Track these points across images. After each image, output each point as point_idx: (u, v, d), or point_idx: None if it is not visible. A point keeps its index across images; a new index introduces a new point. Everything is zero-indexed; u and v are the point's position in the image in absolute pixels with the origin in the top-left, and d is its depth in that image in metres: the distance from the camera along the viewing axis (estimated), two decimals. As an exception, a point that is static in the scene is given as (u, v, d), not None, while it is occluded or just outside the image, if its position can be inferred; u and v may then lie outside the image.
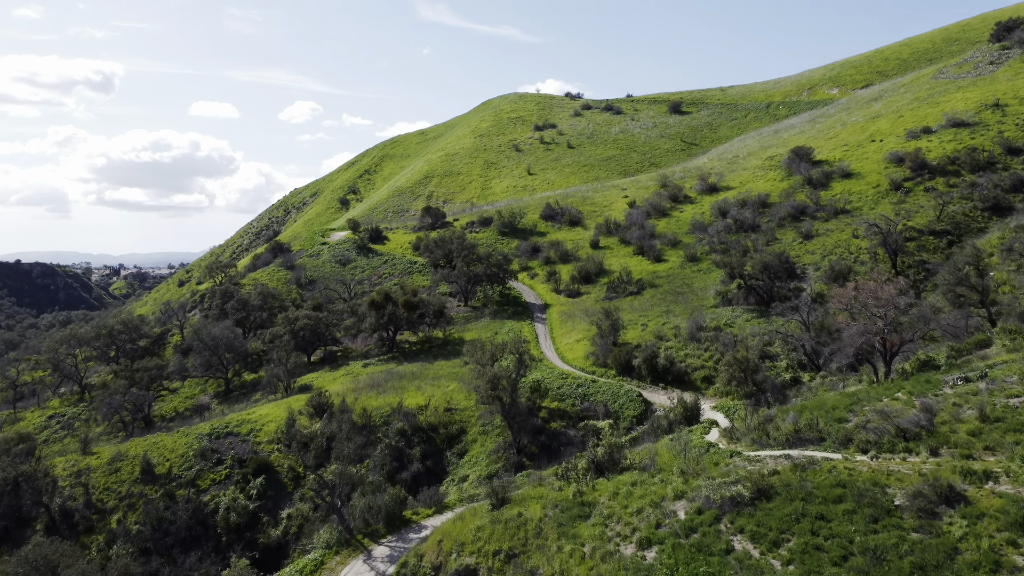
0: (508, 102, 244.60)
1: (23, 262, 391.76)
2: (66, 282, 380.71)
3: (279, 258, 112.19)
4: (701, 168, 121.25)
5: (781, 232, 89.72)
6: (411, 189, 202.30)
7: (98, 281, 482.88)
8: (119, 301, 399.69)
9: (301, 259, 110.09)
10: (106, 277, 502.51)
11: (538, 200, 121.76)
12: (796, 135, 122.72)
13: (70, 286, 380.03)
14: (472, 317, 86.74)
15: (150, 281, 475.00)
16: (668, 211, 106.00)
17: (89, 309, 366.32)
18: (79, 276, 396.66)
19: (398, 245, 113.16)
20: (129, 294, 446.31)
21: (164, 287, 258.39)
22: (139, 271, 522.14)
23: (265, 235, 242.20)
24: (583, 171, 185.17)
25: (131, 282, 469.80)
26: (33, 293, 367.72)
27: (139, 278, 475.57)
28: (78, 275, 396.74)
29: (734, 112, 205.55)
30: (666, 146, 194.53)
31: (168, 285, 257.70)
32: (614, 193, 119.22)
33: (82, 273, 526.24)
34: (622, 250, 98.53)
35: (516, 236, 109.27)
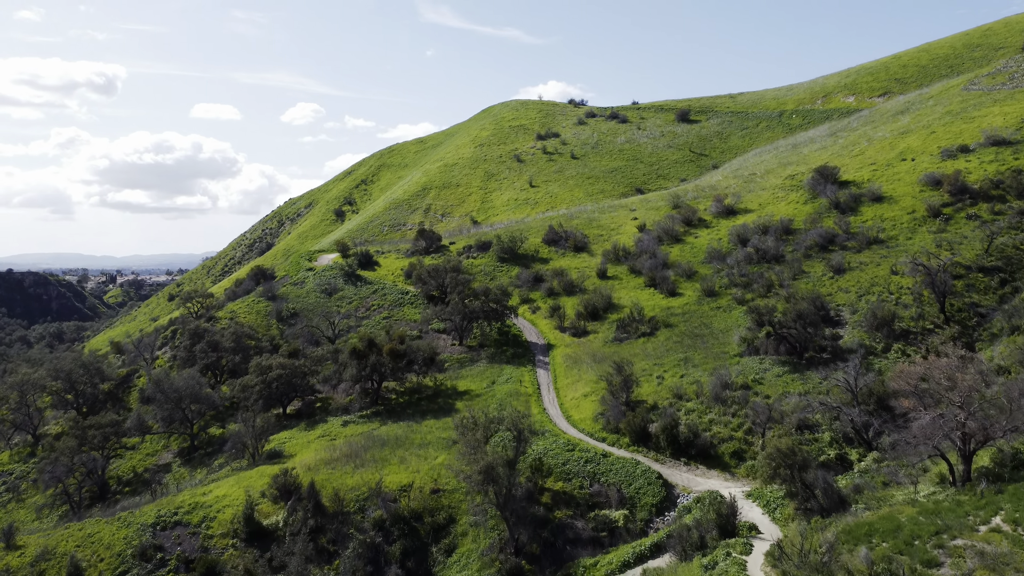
0: (509, 109, 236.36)
1: (16, 270, 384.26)
2: (59, 291, 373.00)
3: (261, 285, 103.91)
4: (716, 187, 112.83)
5: (808, 264, 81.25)
6: (408, 201, 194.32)
7: (94, 289, 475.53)
8: (113, 311, 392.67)
9: (284, 287, 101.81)
10: (102, 284, 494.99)
11: (540, 222, 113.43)
12: (817, 151, 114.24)
13: (63, 295, 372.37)
14: (467, 359, 78.37)
15: (147, 289, 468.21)
16: (682, 236, 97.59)
17: (82, 319, 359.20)
18: (72, 285, 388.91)
19: (389, 271, 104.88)
20: (124, 302, 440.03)
21: (154, 301, 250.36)
22: (136, 278, 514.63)
23: (258, 247, 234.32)
24: (587, 183, 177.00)
25: (127, 290, 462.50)
26: (25, 303, 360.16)
27: (135, 285, 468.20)
28: (72, 284, 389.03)
29: (745, 121, 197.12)
30: (674, 157, 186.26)
31: (158, 299, 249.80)
32: (622, 214, 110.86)
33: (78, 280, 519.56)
34: (632, 281, 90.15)
35: (516, 262, 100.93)
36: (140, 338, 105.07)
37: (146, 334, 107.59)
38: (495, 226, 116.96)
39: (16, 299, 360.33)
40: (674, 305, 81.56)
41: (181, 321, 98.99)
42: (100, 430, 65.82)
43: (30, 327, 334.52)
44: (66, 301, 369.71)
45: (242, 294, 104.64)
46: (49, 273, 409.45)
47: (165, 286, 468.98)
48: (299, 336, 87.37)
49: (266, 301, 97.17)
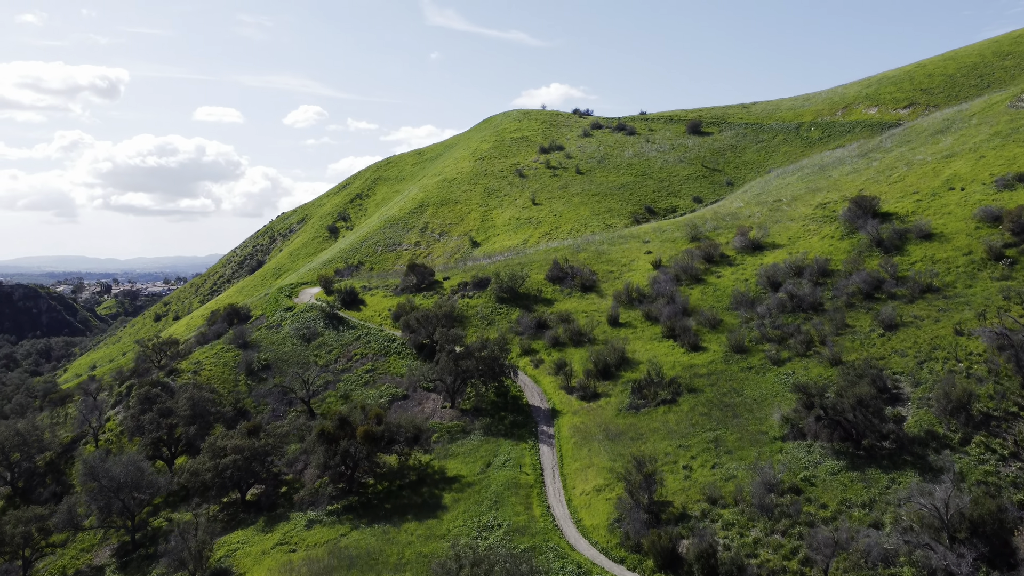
0: (511, 120, 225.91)
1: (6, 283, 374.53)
2: (49, 304, 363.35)
3: (233, 328, 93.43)
4: (737, 215, 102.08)
5: (852, 315, 70.49)
6: (404, 219, 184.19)
7: (88, 299, 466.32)
8: (105, 323, 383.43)
9: (258, 331, 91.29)
10: (96, 295, 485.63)
11: (543, 254, 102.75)
12: (849, 175, 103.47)
13: (53, 308, 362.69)
14: (459, 430, 67.70)
15: (141, 299, 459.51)
16: (702, 275, 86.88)
17: (72, 333, 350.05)
18: (63, 298, 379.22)
19: (376, 312, 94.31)
20: (118, 314, 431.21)
21: (140, 320, 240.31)
22: (131, 288, 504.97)
23: (249, 264, 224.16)
24: (593, 201, 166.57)
25: (121, 300, 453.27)
26: (14, 317, 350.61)
27: (130, 296, 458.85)
28: (62, 297, 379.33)
29: (760, 133, 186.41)
30: (686, 172, 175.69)
31: (144, 318, 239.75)
32: (634, 247, 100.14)
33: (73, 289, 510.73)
34: (648, 330, 79.42)
35: (517, 303, 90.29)
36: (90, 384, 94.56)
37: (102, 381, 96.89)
38: (494, 257, 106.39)
39: (5, 313, 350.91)
40: (697, 363, 70.83)
41: (138, 372, 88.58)
42: (22, 526, 55.33)
43: (18, 342, 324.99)
44: (56, 314, 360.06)
45: (212, 337, 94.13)
46: (40, 285, 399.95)
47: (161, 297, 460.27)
48: (269, 396, 76.83)
49: (236, 349, 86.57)
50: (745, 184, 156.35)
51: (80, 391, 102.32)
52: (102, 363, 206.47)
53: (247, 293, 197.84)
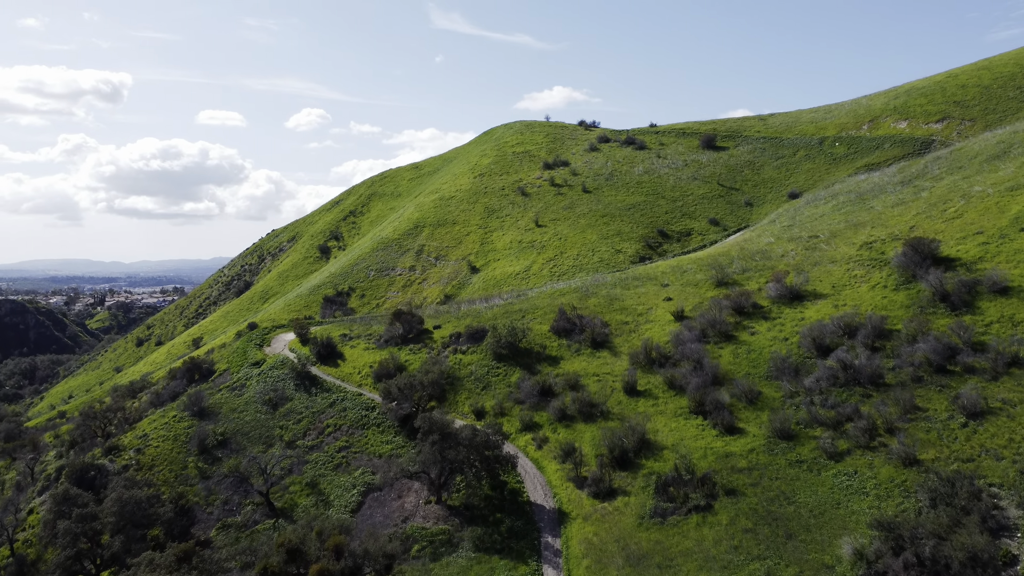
0: (513, 133, 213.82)
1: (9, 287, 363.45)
2: (37, 320, 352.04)
3: (192, 388, 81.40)
4: (768, 253, 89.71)
5: (922, 393, 58.14)
6: (398, 241, 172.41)
7: (80, 312, 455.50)
8: (95, 338, 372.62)
9: (218, 393, 79.15)
10: (90, 307, 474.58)
11: (547, 299, 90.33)
12: (895, 208, 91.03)
13: (42, 324, 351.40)
14: (443, 538, 55.42)
15: (135, 312, 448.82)
16: (733, 331, 74.51)
17: (61, 350, 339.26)
18: (52, 313, 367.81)
19: (355, 368, 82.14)
20: (111, 327, 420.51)
21: (122, 344, 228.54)
22: (126, 300, 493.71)
23: (236, 286, 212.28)
24: (601, 223, 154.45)
25: (115, 313, 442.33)
26: (0, 333, 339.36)
27: (124, 308, 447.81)
28: (51, 312, 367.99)
29: (779, 148, 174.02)
30: (700, 191, 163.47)
31: (127, 342, 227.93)
32: (651, 291, 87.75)
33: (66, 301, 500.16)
34: (672, 401, 67.10)
35: (517, 362, 78.03)
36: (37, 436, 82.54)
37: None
38: (491, 300, 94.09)
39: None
40: (735, 450, 58.52)
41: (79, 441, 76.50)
42: None
43: (3, 360, 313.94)
44: (45, 330, 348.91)
45: (168, 398, 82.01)
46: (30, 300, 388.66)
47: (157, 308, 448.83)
48: (222, 484, 64.59)
49: (190, 418, 74.37)
50: (771, 211, 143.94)
51: (21, 450, 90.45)
52: (79, 393, 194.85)
53: (232, 318, 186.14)
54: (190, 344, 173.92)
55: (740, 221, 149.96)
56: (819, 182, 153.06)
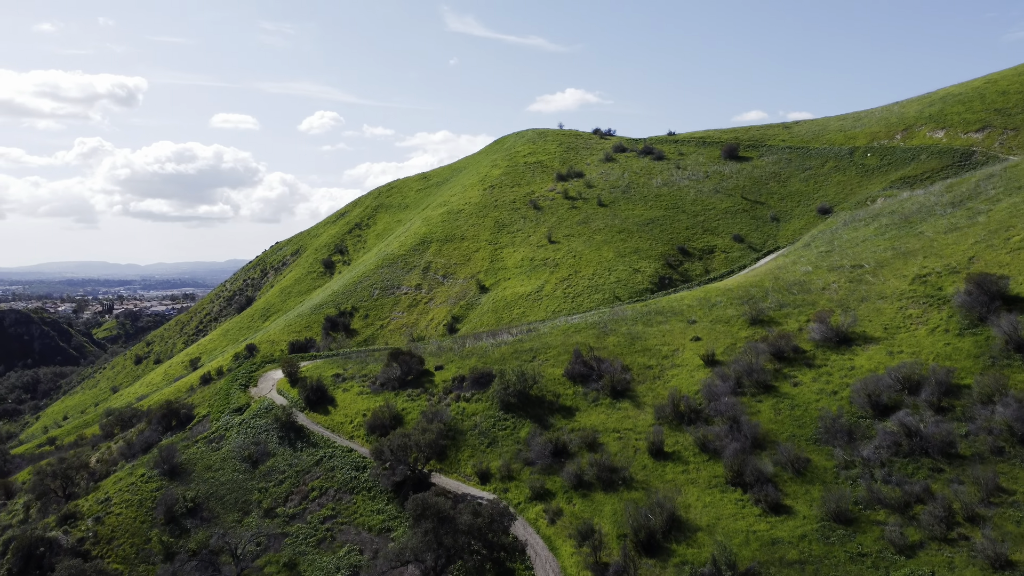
0: (525, 142, 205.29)
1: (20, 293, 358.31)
2: (42, 331, 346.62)
3: (168, 436, 73.37)
4: (807, 286, 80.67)
5: (1007, 470, 49.17)
6: (404, 257, 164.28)
7: (88, 320, 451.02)
8: (100, 348, 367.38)
9: (193, 447, 71.01)
10: (98, 315, 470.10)
11: (561, 335, 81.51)
12: (948, 234, 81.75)
13: (46, 335, 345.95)
14: (441, 645, 46.93)
15: (143, 320, 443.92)
16: (772, 381, 65.57)
17: (65, 361, 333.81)
18: (57, 323, 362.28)
19: (347, 417, 73.79)
20: (118, 336, 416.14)
21: (120, 362, 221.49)
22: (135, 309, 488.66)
23: (237, 302, 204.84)
24: (618, 240, 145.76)
25: (122, 321, 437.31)
26: (5, 344, 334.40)
27: (131, 317, 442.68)
28: (56, 322, 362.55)
29: (806, 159, 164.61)
30: (723, 205, 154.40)
31: (125, 360, 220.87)
32: (677, 328, 78.84)
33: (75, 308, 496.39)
34: (705, 467, 58.30)
35: (527, 411, 69.41)
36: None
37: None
38: (499, 336, 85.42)
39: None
40: (782, 535, 49.66)
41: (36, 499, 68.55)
42: None
43: (6, 373, 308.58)
44: (49, 341, 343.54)
45: (140, 450, 73.92)
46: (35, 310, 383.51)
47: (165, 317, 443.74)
48: (188, 565, 56.22)
49: (159, 478, 66.24)
50: (799, 227, 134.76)
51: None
52: (74, 413, 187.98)
53: (231, 337, 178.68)
54: (187, 365, 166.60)
55: (766, 238, 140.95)
56: (851, 196, 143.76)
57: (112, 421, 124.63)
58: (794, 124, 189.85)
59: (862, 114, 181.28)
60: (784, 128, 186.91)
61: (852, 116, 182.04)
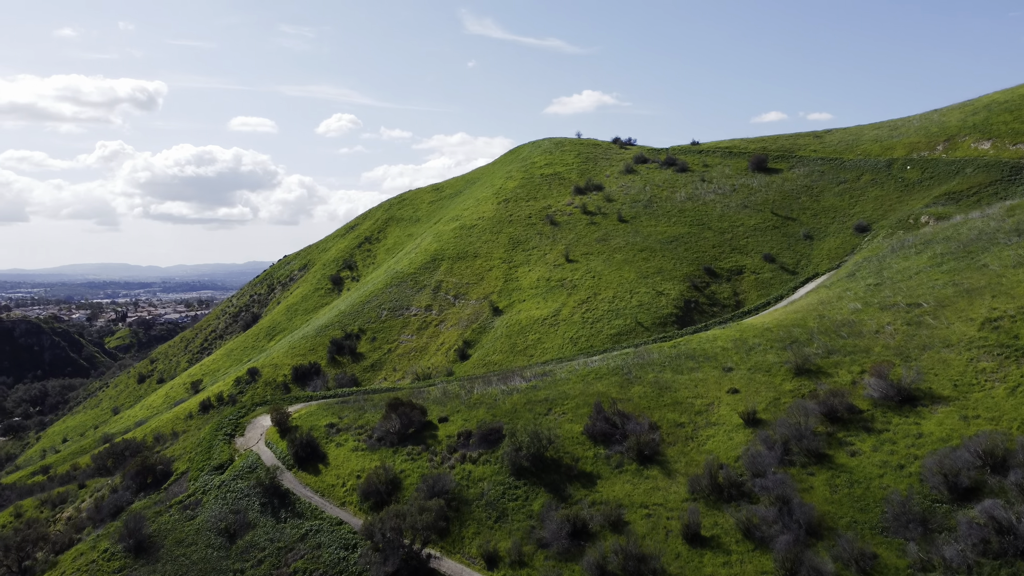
0: (541, 152, 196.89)
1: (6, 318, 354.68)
2: (52, 341, 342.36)
3: (141, 497, 65.64)
4: (857, 328, 71.55)
5: None
6: (414, 276, 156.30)
7: (101, 328, 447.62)
8: (112, 358, 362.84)
9: (166, 513, 63.17)
10: (111, 323, 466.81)
11: (580, 382, 72.92)
12: (1018, 270, 72.37)
13: (57, 345, 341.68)
14: None
15: (156, 329, 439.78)
16: (826, 448, 56.70)
17: (75, 372, 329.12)
18: (68, 333, 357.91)
19: (339, 478, 65.68)
20: (131, 345, 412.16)
21: (123, 380, 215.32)
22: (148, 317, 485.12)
23: (243, 318, 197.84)
24: (640, 259, 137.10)
25: (135, 330, 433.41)
26: (14, 355, 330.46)
27: (144, 325, 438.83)
28: (67, 332, 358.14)
29: (840, 172, 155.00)
30: (752, 221, 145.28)
31: (128, 378, 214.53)
32: (711, 377, 70.02)
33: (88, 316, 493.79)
34: (751, 559, 49.55)
35: (541, 477, 60.97)
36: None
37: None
38: (511, 380, 76.95)
39: (5, 351, 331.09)
40: (849, 660, 40.86)
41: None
42: None
43: (15, 385, 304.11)
44: (60, 351, 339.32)
45: (109, 515, 66.21)
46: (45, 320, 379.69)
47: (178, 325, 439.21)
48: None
49: (123, 556, 58.41)
50: (835, 245, 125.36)
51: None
52: (73, 435, 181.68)
53: (235, 357, 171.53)
54: (189, 387, 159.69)
55: (799, 257, 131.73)
56: (890, 212, 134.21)
57: (105, 454, 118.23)
58: (825, 133, 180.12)
59: (899, 122, 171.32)
60: (815, 137, 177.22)
61: (888, 125, 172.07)
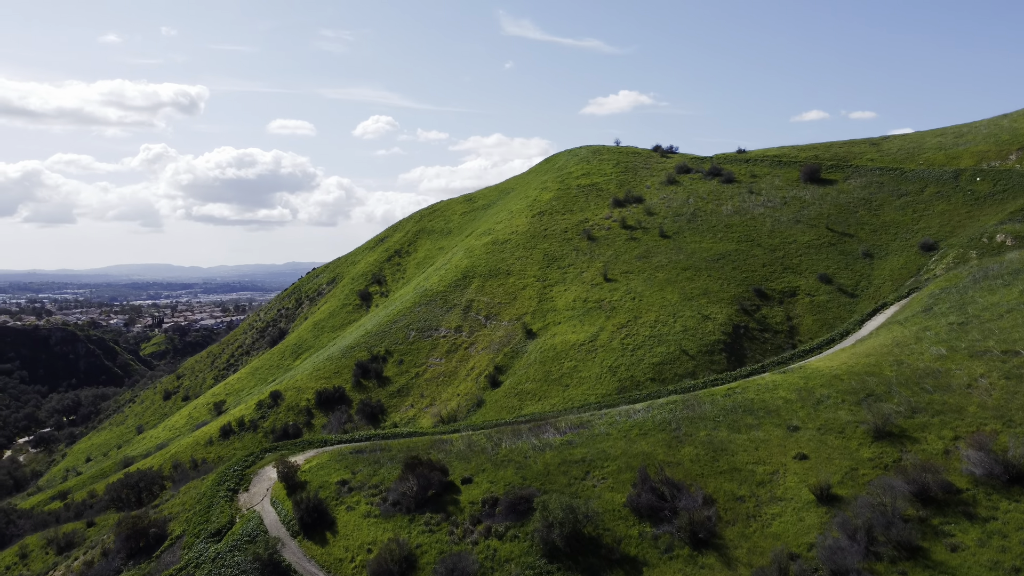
0: (578, 160, 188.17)
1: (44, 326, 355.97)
2: (88, 349, 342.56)
3: (128, 569, 58.75)
4: (944, 381, 61.87)
5: None
6: (444, 294, 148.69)
7: (137, 335, 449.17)
8: (146, 366, 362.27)
9: (154, 591, 56.13)
10: (148, 328, 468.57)
11: (621, 439, 64.20)
12: None
13: (92, 353, 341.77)
14: None
15: (191, 335, 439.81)
16: (919, 539, 47.41)
17: (109, 380, 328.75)
18: (103, 341, 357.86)
19: (349, 552, 57.98)
20: (166, 351, 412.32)
21: (149, 396, 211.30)
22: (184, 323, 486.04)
23: (270, 334, 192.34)
24: (684, 279, 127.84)
25: (171, 336, 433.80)
26: (50, 363, 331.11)
27: (180, 331, 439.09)
28: (102, 340, 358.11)
29: (901, 183, 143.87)
30: (805, 237, 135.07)
31: (154, 394, 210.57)
32: (774, 437, 60.87)
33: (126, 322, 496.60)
34: None
35: (577, 561, 52.55)
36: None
37: None
38: (543, 434, 68.54)
39: (41, 359, 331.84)
40: None
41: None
42: None
43: (49, 394, 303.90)
44: (95, 359, 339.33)
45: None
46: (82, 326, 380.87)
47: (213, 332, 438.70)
48: None
49: (99, 647, 51.45)
50: (898, 265, 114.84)
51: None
52: (96, 455, 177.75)
53: (259, 377, 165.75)
54: (212, 408, 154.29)
55: (858, 278, 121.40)
56: (959, 229, 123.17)
57: (119, 485, 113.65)
58: (882, 140, 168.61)
59: (963, 128, 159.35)
60: (871, 145, 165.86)
61: (952, 131, 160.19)
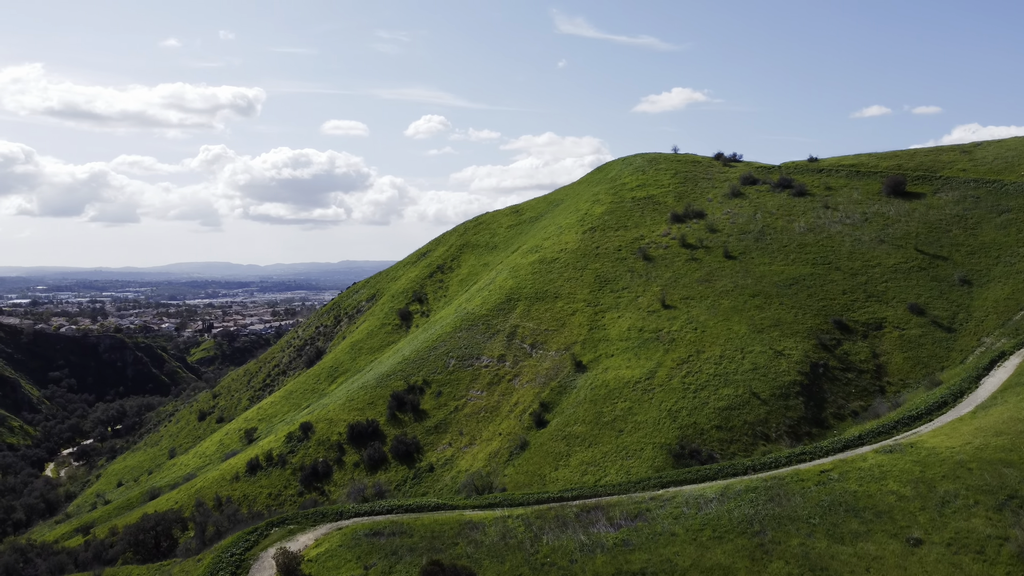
0: (633, 170, 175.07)
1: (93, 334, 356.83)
2: (136, 356, 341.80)
3: None
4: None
5: None
6: (486, 318, 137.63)
7: (187, 340, 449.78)
8: (194, 373, 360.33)
9: None
10: (197, 333, 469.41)
11: (692, 550, 51.89)
12: None
13: (139, 361, 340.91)
14: None
15: (240, 341, 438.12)
16: None
17: (156, 389, 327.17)
18: (151, 348, 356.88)
19: None
20: (215, 357, 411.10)
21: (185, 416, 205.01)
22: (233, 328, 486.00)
23: (308, 353, 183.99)
24: (753, 307, 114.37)
25: (220, 342, 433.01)
26: (98, 371, 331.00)
27: (228, 337, 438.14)
28: (150, 347, 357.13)
29: (1001, 198, 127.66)
30: (891, 260, 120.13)
31: (190, 413, 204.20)
32: (889, 555, 47.77)
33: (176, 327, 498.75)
34: None
35: None
36: None
37: None
38: (591, 526, 56.53)
39: (90, 366, 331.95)
40: None
41: None
42: None
43: (96, 403, 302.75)
44: (142, 367, 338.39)
45: None
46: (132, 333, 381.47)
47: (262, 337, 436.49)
48: None
49: None
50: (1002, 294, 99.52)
51: None
52: (128, 479, 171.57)
53: (293, 401, 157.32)
54: (243, 436, 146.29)
55: (956, 309, 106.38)
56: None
57: (136, 529, 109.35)
58: (974, 147, 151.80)
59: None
60: (963, 153, 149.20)
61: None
